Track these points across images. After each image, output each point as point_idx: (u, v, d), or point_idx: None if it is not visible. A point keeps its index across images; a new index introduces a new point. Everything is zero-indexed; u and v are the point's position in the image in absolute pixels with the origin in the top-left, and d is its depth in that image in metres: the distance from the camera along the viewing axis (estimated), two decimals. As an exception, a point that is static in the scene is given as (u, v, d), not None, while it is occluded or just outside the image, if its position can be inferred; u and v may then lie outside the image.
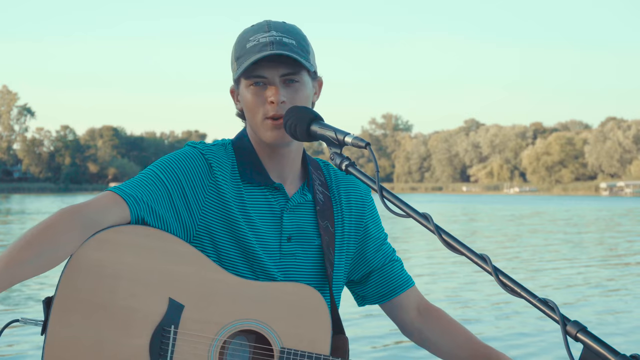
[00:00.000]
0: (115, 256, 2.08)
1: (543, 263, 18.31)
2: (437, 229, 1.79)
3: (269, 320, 2.12)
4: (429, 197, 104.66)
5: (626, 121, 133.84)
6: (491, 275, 1.72)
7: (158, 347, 2.07)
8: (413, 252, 20.13)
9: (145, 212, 2.12)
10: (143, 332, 2.07)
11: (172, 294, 2.09)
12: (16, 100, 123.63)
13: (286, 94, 2.17)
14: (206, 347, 2.09)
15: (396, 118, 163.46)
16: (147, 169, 2.21)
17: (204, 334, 2.09)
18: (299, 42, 2.19)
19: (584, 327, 1.62)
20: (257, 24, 2.23)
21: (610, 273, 16.61)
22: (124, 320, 2.07)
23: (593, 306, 12.08)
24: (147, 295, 2.08)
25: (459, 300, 12.30)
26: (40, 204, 59.95)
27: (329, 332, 2.14)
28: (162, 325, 2.08)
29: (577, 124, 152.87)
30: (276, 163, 2.27)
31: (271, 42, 2.15)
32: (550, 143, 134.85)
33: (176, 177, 2.18)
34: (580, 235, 27.94)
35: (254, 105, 2.18)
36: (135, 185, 2.15)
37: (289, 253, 2.25)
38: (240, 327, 2.11)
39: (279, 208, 2.26)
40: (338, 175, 2.40)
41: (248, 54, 2.17)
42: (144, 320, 2.08)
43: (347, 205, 2.37)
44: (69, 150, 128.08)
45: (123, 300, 2.08)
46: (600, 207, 61.67)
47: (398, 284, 2.42)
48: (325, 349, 2.13)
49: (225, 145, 2.29)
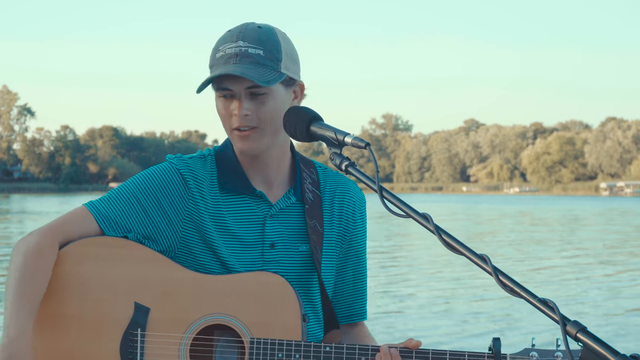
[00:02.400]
0: (78, 267, 2.14)
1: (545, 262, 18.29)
2: (437, 229, 1.79)
3: (237, 313, 2.13)
4: (429, 197, 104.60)
5: (626, 121, 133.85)
6: (491, 275, 1.72)
7: (127, 352, 2.12)
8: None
9: (119, 234, 2.19)
10: (113, 338, 2.13)
11: (137, 298, 2.14)
12: (16, 100, 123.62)
13: (251, 107, 2.17)
14: (175, 346, 2.12)
15: (396, 118, 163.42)
16: (124, 186, 2.24)
17: (172, 333, 2.12)
18: (268, 51, 2.18)
19: (584, 327, 1.61)
20: (230, 31, 2.22)
21: (609, 273, 16.60)
22: (94, 327, 2.13)
23: (593, 306, 12.07)
24: (114, 302, 2.14)
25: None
26: (40, 204, 59.91)
27: (299, 317, 2.13)
28: (129, 330, 2.12)
29: (577, 124, 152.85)
30: (259, 169, 2.28)
31: (235, 55, 2.16)
32: (550, 143, 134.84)
33: (153, 196, 2.22)
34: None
35: (223, 117, 2.21)
36: (112, 204, 2.20)
37: (271, 260, 2.25)
38: (209, 322, 2.13)
39: (262, 215, 2.26)
40: (335, 179, 2.38)
41: (216, 64, 2.18)
42: (113, 326, 2.13)
43: (339, 209, 2.36)
44: (69, 150, 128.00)
45: (91, 309, 2.14)
46: (602, 208, 61.59)
47: (355, 312, 2.40)
48: (297, 334, 2.13)
49: (205, 157, 2.30)
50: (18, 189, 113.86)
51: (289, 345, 2.10)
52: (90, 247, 2.15)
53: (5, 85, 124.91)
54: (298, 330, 2.13)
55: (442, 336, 9.69)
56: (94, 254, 2.15)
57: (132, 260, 2.15)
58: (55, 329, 2.13)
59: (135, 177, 2.25)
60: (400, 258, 19.73)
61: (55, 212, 43.86)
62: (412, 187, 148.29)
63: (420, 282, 14.98)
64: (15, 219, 37.04)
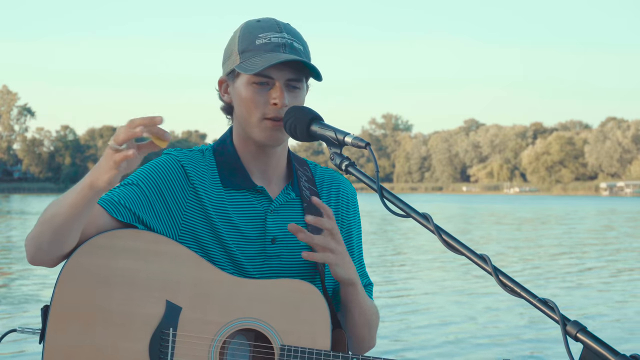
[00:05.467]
0: (109, 261, 2.08)
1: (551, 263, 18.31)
2: (437, 229, 1.79)
3: (268, 318, 2.11)
4: (429, 197, 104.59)
5: (626, 121, 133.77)
6: (491, 275, 1.72)
7: (158, 350, 2.07)
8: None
9: (126, 217, 2.14)
10: (142, 336, 2.07)
11: (169, 296, 2.09)
12: (16, 100, 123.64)
13: (289, 98, 2.17)
14: (206, 347, 2.08)
15: (396, 118, 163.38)
16: (126, 180, 2.21)
17: (203, 335, 2.09)
18: (305, 49, 2.21)
19: (584, 327, 1.62)
20: (264, 21, 2.21)
21: (610, 272, 16.61)
22: (122, 324, 2.07)
23: (593, 306, 12.08)
24: (144, 299, 2.08)
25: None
26: (41, 204, 59.89)
27: (329, 327, 2.13)
28: (161, 328, 2.07)
29: (577, 124, 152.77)
30: (260, 164, 2.27)
31: (284, 45, 2.16)
32: (550, 143, 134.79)
33: (155, 184, 2.19)
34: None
35: (253, 104, 2.17)
36: (114, 191, 2.17)
37: (273, 255, 2.25)
38: (239, 326, 2.10)
39: (263, 210, 2.25)
40: (324, 174, 2.40)
41: (257, 50, 2.15)
42: (142, 324, 2.07)
43: (335, 201, 2.38)
44: (69, 150, 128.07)
45: (120, 305, 2.07)
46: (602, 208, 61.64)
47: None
48: (326, 344, 2.12)
49: (204, 152, 2.28)
50: (18, 189, 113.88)
51: (319, 354, 2.09)
52: (121, 239, 2.09)
53: (5, 85, 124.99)
54: (327, 341, 2.12)
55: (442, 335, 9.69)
56: (126, 247, 2.09)
57: (165, 256, 2.10)
58: (81, 321, 2.06)
59: (136, 170, 2.22)
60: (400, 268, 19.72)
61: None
62: (412, 187, 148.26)
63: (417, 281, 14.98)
64: (16, 219, 37.03)
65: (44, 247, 2.04)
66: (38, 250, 2.06)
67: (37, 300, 12.01)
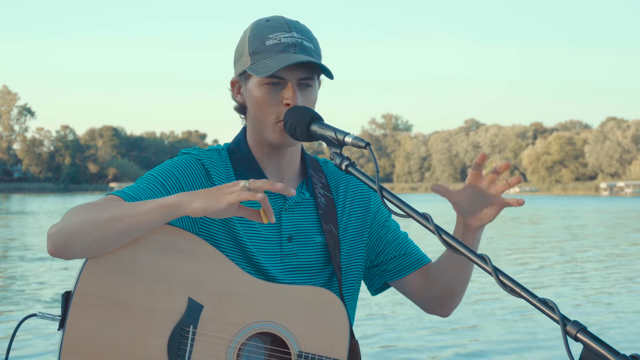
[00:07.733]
0: (133, 253, 2.06)
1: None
2: (437, 228, 1.79)
3: (287, 323, 2.10)
4: (429, 197, 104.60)
5: (626, 121, 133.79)
6: (491, 275, 1.72)
7: (176, 347, 2.06)
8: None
9: None
10: (161, 331, 2.06)
11: (191, 294, 2.08)
12: (16, 100, 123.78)
13: (301, 97, 2.17)
14: (224, 348, 2.07)
15: (396, 118, 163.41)
16: (146, 175, 2.21)
17: (223, 335, 2.08)
18: (315, 46, 2.21)
19: (584, 327, 1.62)
20: (273, 20, 2.21)
21: (610, 273, 16.62)
22: (142, 318, 2.05)
23: (593, 306, 12.08)
24: (166, 294, 2.07)
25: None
26: (41, 204, 59.93)
27: (347, 337, 2.13)
28: (181, 325, 2.06)
29: (577, 124, 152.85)
30: (274, 163, 2.27)
31: (293, 44, 2.15)
32: (550, 143, 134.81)
33: (176, 181, 2.18)
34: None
35: (266, 105, 2.17)
36: (137, 188, 2.15)
37: (290, 253, 2.24)
38: (259, 329, 2.09)
39: (277, 209, 2.25)
40: (337, 172, 2.39)
41: (268, 51, 2.15)
42: (163, 319, 2.06)
43: (351, 201, 2.36)
44: (69, 150, 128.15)
45: (142, 298, 2.06)
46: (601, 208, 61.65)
47: (415, 259, 2.39)
48: (343, 354, 2.12)
49: (219, 151, 2.28)
50: (18, 189, 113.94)
51: None
52: (148, 233, 2.07)
53: (5, 85, 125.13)
54: (344, 351, 2.12)
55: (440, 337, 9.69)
56: (152, 240, 2.07)
57: (188, 252, 2.09)
58: (103, 311, 2.04)
59: (157, 167, 2.22)
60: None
61: (55, 212, 43.89)
62: (412, 187, 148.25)
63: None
64: (16, 219, 37.04)
65: (82, 246, 2.00)
66: (69, 245, 2.00)
67: (37, 300, 12.01)
